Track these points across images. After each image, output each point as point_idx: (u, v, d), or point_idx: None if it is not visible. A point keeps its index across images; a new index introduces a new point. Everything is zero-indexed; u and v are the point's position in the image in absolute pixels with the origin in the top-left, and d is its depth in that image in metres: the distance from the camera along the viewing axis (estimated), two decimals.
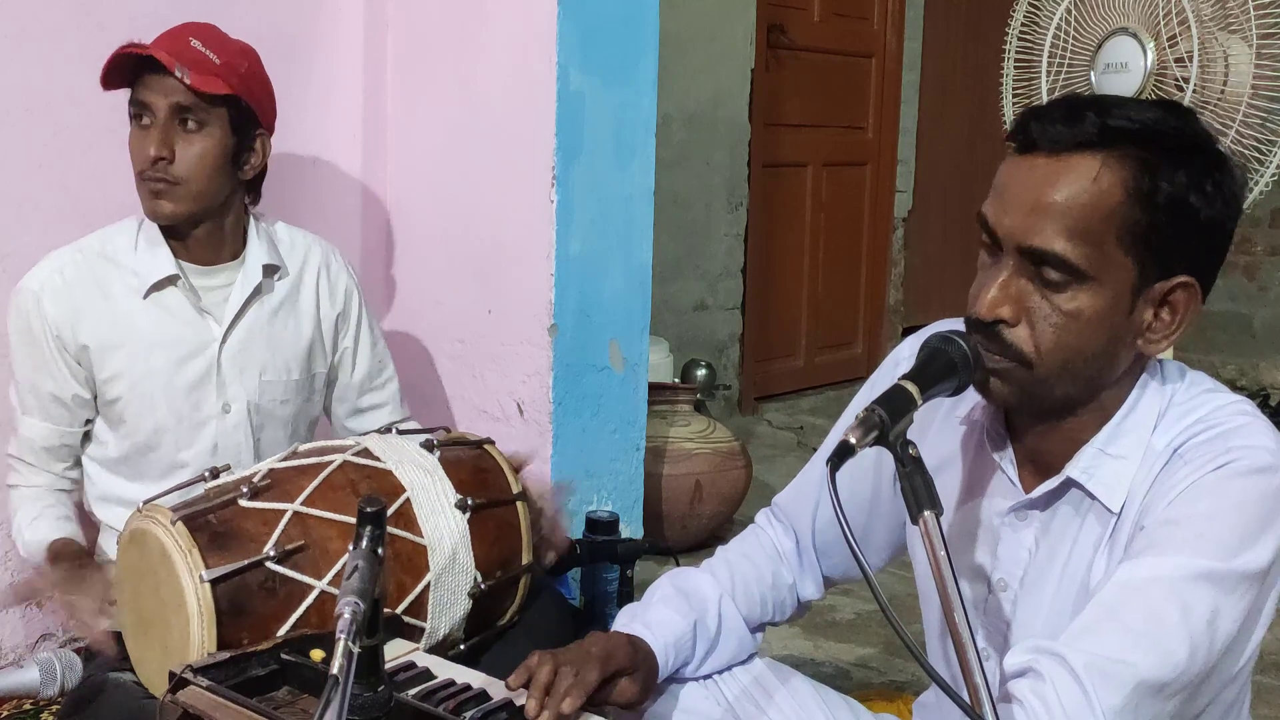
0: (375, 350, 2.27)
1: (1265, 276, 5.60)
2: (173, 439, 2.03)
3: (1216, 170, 1.22)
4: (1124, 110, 1.21)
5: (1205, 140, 1.23)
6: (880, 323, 5.38)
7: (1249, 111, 2.48)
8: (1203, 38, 2.50)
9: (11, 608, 1.74)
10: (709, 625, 1.51)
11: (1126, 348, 1.25)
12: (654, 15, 2.66)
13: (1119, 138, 1.20)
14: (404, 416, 2.31)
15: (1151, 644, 1.15)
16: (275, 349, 2.10)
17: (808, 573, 1.63)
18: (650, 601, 1.53)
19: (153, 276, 2.00)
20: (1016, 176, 1.24)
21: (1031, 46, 2.83)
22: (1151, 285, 1.23)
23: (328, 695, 0.98)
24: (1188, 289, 1.23)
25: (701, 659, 1.52)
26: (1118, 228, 1.19)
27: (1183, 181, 1.20)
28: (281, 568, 1.62)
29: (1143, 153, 1.20)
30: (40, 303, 1.97)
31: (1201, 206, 1.20)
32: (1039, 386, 1.25)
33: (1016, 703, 1.16)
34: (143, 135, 1.95)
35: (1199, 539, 1.18)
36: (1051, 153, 1.21)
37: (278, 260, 2.12)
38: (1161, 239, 1.20)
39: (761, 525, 1.67)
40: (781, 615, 1.63)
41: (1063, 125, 1.21)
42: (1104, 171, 1.19)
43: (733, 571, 1.59)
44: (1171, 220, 1.20)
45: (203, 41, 1.97)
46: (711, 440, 3.36)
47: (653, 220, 2.72)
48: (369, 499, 1.15)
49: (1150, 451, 1.27)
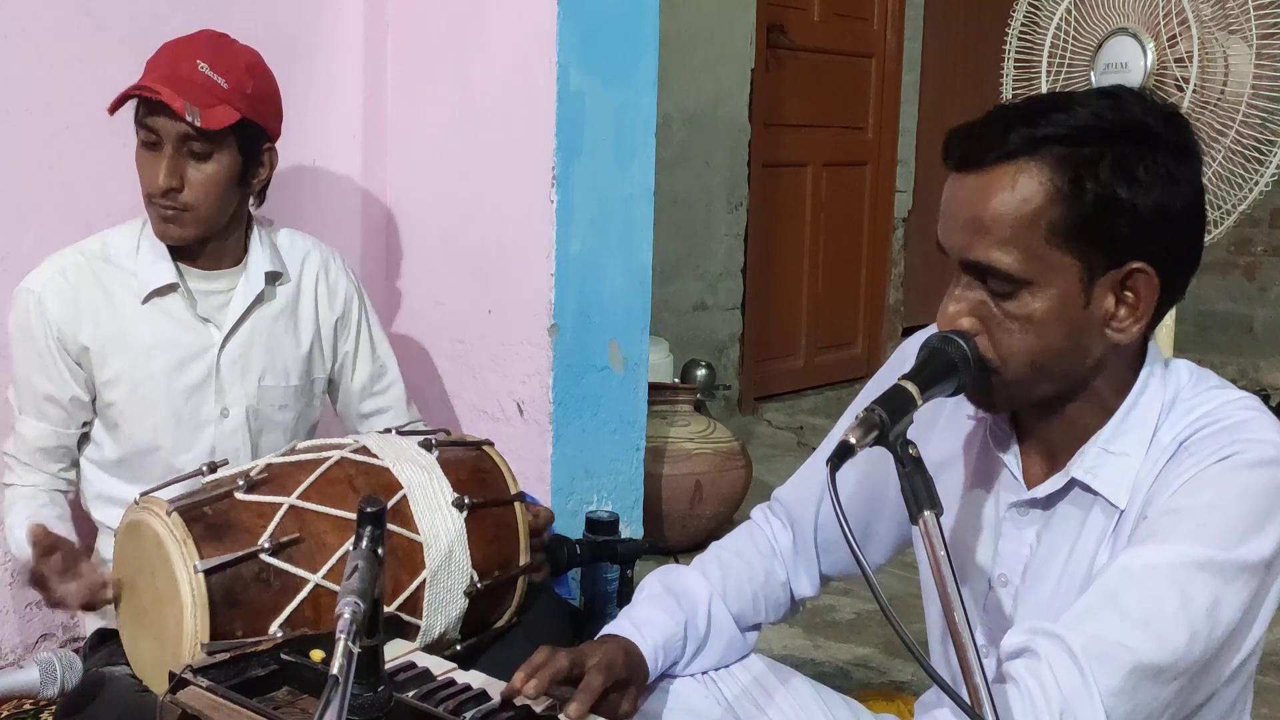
0: (376, 355, 2.26)
1: (1265, 276, 5.60)
2: (171, 442, 2.03)
3: (1148, 156, 1.21)
4: (1056, 114, 1.22)
5: (1136, 125, 1.23)
6: (880, 323, 5.38)
7: (1249, 111, 2.48)
8: (1203, 38, 2.50)
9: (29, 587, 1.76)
10: (699, 626, 1.51)
11: (1094, 338, 1.26)
12: (654, 15, 2.66)
13: (1042, 142, 1.21)
14: (411, 420, 2.30)
15: (1150, 629, 1.15)
16: (275, 354, 2.10)
17: (803, 569, 1.62)
18: (638, 600, 1.53)
19: (153, 283, 2.00)
20: (952, 193, 1.28)
21: (1031, 46, 2.83)
22: (1101, 277, 1.23)
23: (328, 695, 0.98)
24: (1143, 274, 1.24)
25: (690, 659, 1.52)
26: (1045, 230, 1.21)
27: (1106, 174, 1.20)
28: (276, 560, 1.63)
29: (1063, 150, 1.21)
30: (42, 304, 1.97)
31: (1133, 195, 1.20)
32: (1016, 389, 1.28)
33: (1012, 682, 1.16)
34: (152, 159, 1.94)
35: (1201, 528, 1.18)
36: (978, 167, 1.24)
37: (280, 267, 2.11)
38: (1096, 232, 1.21)
39: (758, 521, 1.66)
40: (775, 614, 1.62)
41: (980, 142, 1.24)
42: (1021, 178, 1.21)
43: (724, 570, 1.58)
44: (1101, 214, 1.21)
45: (210, 62, 1.95)
46: (711, 440, 3.36)
47: (653, 220, 2.72)
48: (369, 499, 1.15)
49: (1155, 446, 1.27)
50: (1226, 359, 5.44)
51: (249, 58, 2.03)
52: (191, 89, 1.91)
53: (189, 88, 1.91)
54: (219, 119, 1.92)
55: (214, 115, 1.92)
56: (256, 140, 2.02)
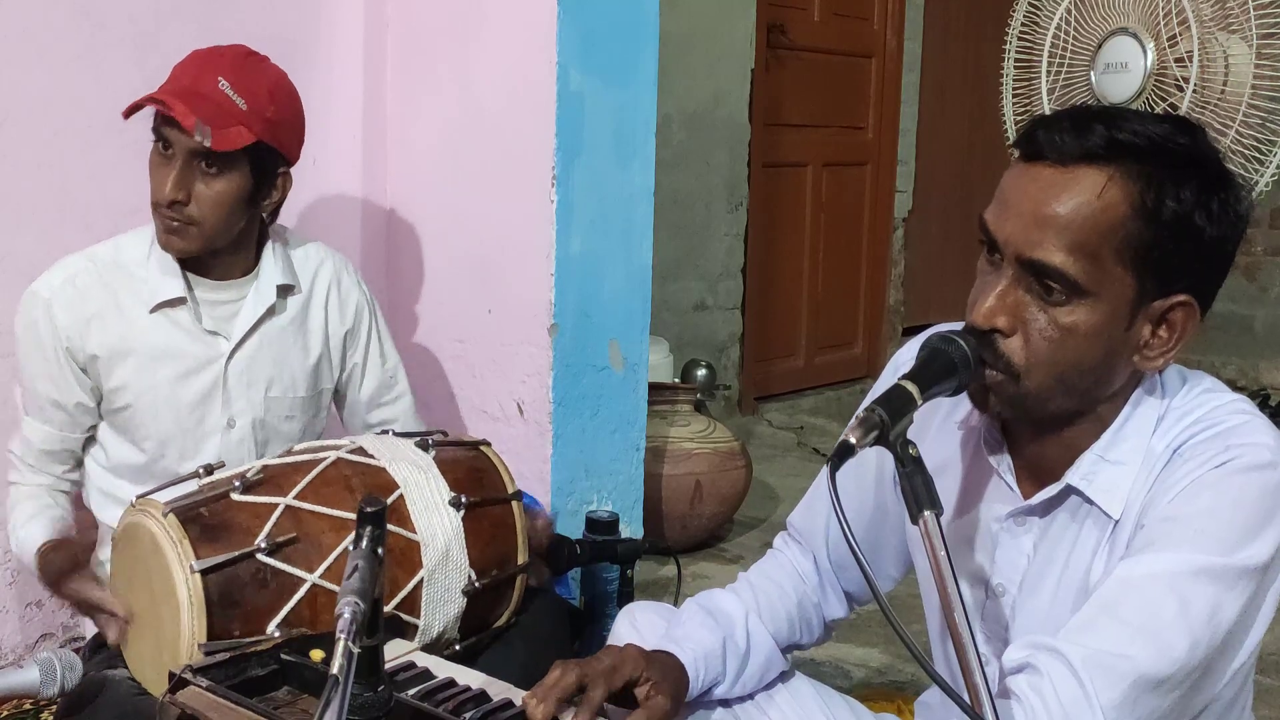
0: (385, 367, 2.24)
1: (1265, 276, 5.60)
2: (177, 451, 2.02)
3: (1222, 190, 1.21)
4: (1133, 124, 1.20)
5: (1213, 158, 1.22)
6: (880, 323, 5.38)
7: (1249, 111, 2.48)
8: (1203, 38, 2.50)
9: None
10: (738, 642, 1.48)
11: (1123, 363, 1.25)
12: (654, 15, 2.66)
13: (1126, 152, 1.19)
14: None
15: (1150, 638, 1.15)
16: (283, 366, 2.08)
17: (830, 592, 1.61)
18: (679, 621, 1.49)
19: (161, 295, 1.98)
20: (1020, 185, 1.23)
21: (1031, 46, 2.84)
22: (1150, 303, 1.22)
23: (328, 695, 0.98)
24: (1186, 308, 1.23)
25: (734, 677, 1.47)
26: (1119, 243, 1.19)
27: (1189, 199, 1.18)
28: (273, 560, 1.63)
29: (1149, 168, 1.19)
30: (51, 311, 1.96)
31: (1205, 225, 1.19)
32: (1028, 400, 1.25)
33: (1015, 698, 1.16)
34: (163, 166, 1.91)
35: (1199, 535, 1.18)
36: (1057, 163, 1.20)
37: (292, 279, 2.09)
38: (1163, 256, 1.20)
39: (779, 548, 1.65)
40: (810, 637, 1.61)
41: (1070, 136, 1.20)
42: (1110, 186, 1.18)
43: (756, 592, 1.56)
44: (1174, 238, 1.19)
45: (232, 81, 1.90)
46: (711, 440, 3.36)
47: (653, 220, 2.72)
48: (369, 499, 1.15)
49: (1150, 455, 1.26)
50: (1227, 359, 5.43)
51: (275, 80, 1.99)
52: (207, 107, 1.87)
53: (205, 105, 1.87)
54: (231, 140, 1.88)
55: (227, 136, 1.87)
56: (271, 164, 1.98)
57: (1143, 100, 2.61)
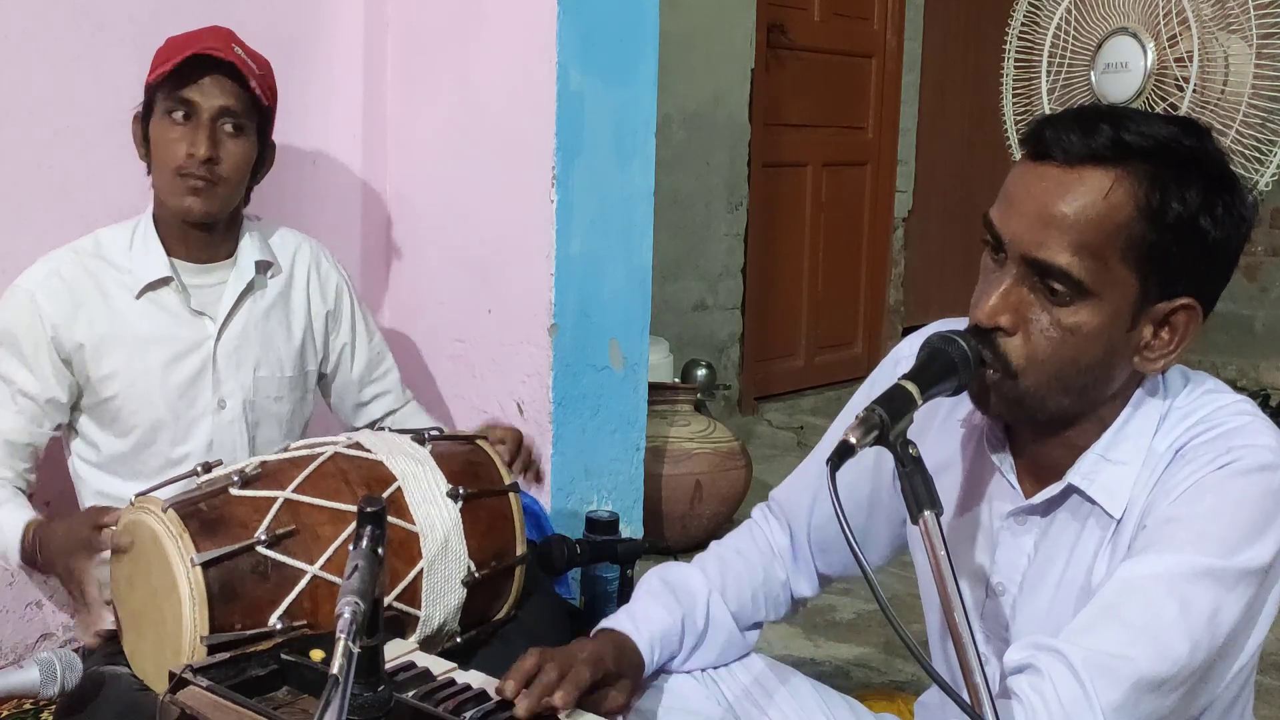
0: (372, 343, 2.30)
1: (1265, 277, 5.60)
2: (169, 435, 2.04)
3: (1228, 193, 1.21)
4: (1140, 125, 1.20)
5: (1219, 161, 1.22)
6: (880, 323, 5.38)
7: (1249, 111, 2.49)
8: (1203, 38, 2.50)
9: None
10: (696, 621, 1.51)
11: (1123, 364, 1.25)
12: (654, 15, 2.66)
13: (1133, 153, 1.19)
14: (406, 401, 2.35)
15: (1151, 640, 1.15)
16: (269, 345, 2.12)
17: (802, 570, 1.62)
18: (637, 596, 1.52)
19: (146, 277, 2.02)
20: (1026, 184, 1.22)
21: (1031, 46, 2.84)
22: (1153, 304, 1.22)
23: (328, 695, 0.98)
24: (1189, 311, 1.23)
25: (688, 654, 1.51)
26: (1124, 244, 1.19)
27: (1194, 201, 1.18)
28: (273, 552, 1.63)
29: (1155, 169, 1.18)
30: (37, 302, 1.97)
31: (1210, 228, 1.19)
32: (1027, 399, 1.25)
33: (1015, 699, 1.16)
34: (184, 132, 1.96)
35: (1200, 537, 1.18)
36: (1063, 163, 1.20)
37: (269, 256, 2.14)
38: (1168, 258, 1.19)
39: (757, 520, 1.66)
40: (775, 613, 1.62)
41: (1077, 136, 1.19)
42: (1116, 186, 1.18)
43: (724, 568, 1.58)
44: (1179, 240, 1.19)
45: (243, 50, 2.02)
46: (711, 440, 3.36)
47: (653, 220, 2.72)
48: (369, 498, 1.15)
49: (1151, 455, 1.26)
50: (1227, 359, 5.43)
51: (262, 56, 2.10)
52: (245, 65, 1.98)
53: (243, 62, 1.98)
54: (267, 96, 2.01)
55: (264, 92, 2.00)
56: (267, 132, 2.09)
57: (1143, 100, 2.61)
